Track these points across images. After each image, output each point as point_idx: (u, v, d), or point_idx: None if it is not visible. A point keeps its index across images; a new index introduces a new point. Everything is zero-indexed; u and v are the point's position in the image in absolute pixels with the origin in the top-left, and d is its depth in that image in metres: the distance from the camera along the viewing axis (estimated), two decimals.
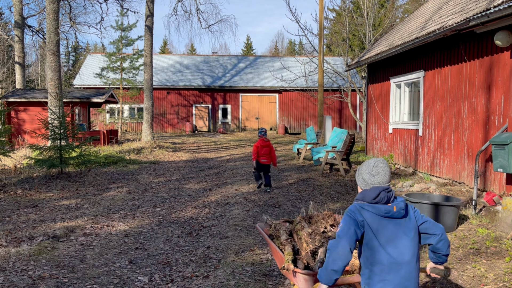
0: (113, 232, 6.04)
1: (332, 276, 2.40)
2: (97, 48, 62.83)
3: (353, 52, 27.03)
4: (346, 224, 2.44)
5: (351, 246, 2.40)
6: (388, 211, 2.43)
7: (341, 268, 2.39)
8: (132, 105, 30.47)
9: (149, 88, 19.97)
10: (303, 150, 13.64)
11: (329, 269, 2.39)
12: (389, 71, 11.95)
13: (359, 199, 2.54)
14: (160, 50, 67.18)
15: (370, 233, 2.41)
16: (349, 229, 2.41)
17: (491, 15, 6.32)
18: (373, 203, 2.46)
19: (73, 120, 18.28)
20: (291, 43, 74.03)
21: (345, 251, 2.38)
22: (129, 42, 28.65)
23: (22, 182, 9.61)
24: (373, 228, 2.41)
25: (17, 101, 18.81)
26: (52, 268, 4.58)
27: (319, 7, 18.15)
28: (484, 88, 7.56)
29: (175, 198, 8.48)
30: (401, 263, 2.39)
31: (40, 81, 46.50)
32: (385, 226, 2.42)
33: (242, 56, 37.58)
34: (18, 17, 23.88)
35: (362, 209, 2.46)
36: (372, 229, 2.41)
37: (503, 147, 6.12)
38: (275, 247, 3.24)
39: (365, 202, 2.49)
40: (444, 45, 8.96)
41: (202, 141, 23.38)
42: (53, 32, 13.42)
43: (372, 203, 2.46)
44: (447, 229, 5.65)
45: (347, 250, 2.38)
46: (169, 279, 4.33)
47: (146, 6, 20.17)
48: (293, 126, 32.60)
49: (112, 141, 19.09)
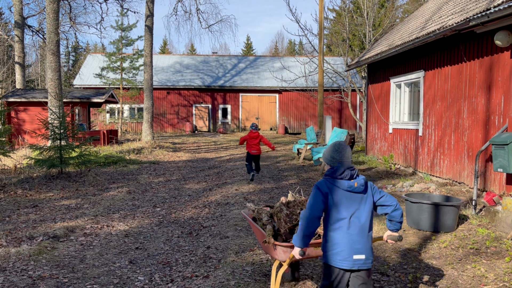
0: (113, 232, 6.04)
1: (304, 240, 2.92)
2: (97, 48, 62.85)
3: (353, 52, 27.03)
4: (313, 196, 2.91)
5: (319, 214, 2.89)
6: (350, 186, 2.89)
7: (311, 233, 2.93)
8: (132, 105, 30.47)
9: (149, 88, 19.97)
10: (303, 150, 13.64)
11: (302, 234, 2.92)
12: (389, 71, 11.95)
13: (327, 174, 2.97)
14: (160, 50, 67.18)
15: (333, 203, 2.89)
16: (316, 200, 2.89)
17: (491, 15, 6.32)
18: (339, 178, 2.91)
19: (73, 120, 18.28)
20: (291, 43, 74.06)
21: (314, 218, 2.88)
22: (129, 42, 28.65)
23: (22, 182, 9.61)
24: (335, 199, 2.89)
25: (17, 101, 18.81)
26: (52, 268, 4.58)
27: (319, 7, 18.15)
28: (484, 88, 7.56)
29: (175, 198, 8.48)
30: (355, 228, 2.87)
31: (40, 81, 46.51)
32: (346, 198, 2.89)
33: (242, 56, 37.58)
34: (18, 17, 23.88)
35: (328, 183, 2.93)
36: (335, 200, 2.89)
37: (503, 147, 6.12)
38: (258, 227, 3.72)
39: (332, 177, 2.94)
40: (444, 45, 8.96)
41: (202, 141, 23.39)
42: (53, 32, 13.43)
43: (338, 179, 2.92)
44: (447, 229, 5.65)
45: (315, 218, 2.88)
46: (169, 279, 4.33)
47: (146, 6, 20.18)
48: (293, 126, 32.60)
49: (112, 141, 19.09)
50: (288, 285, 4.02)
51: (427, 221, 5.68)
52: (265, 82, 32.40)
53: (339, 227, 2.87)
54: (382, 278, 4.28)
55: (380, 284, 4.11)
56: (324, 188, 2.90)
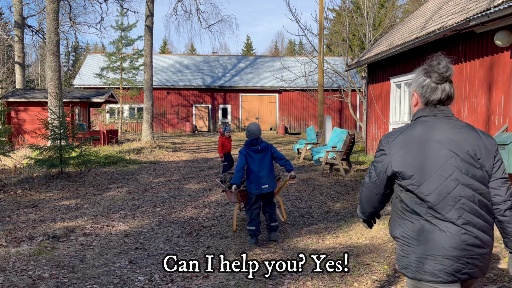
0: (113, 232, 6.04)
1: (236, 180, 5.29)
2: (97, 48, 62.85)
3: (353, 52, 27.03)
4: (240, 157, 5.32)
5: (243, 166, 5.30)
6: (256, 149, 5.33)
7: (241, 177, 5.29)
8: (132, 105, 30.47)
9: (149, 88, 19.97)
10: (303, 150, 13.63)
11: (236, 177, 5.31)
12: (389, 71, 11.95)
13: (246, 144, 5.37)
14: (160, 50, 67.17)
15: (249, 159, 5.30)
16: (241, 159, 5.29)
17: (491, 15, 6.32)
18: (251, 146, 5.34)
19: (73, 120, 18.28)
20: (291, 43, 74.06)
21: (239, 167, 5.29)
22: (129, 42, 28.64)
23: (22, 182, 9.61)
24: (249, 156, 5.31)
25: (17, 101, 18.81)
26: (52, 268, 4.58)
27: (319, 7, 18.14)
28: (484, 87, 7.55)
29: (175, 198, 8.48)
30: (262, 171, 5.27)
31: (40, 81, 46.50)
32: (254, 154, 5.32)
33: (242, 56, 37.57)
34: (18, 17, 23.88)
35: (246, 147, 5.36)
36: (249, 157, 5.31)
37: (503, 147, 6.12)
38: (222, 185, 6.28)
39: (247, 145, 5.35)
40: (444, 45, 8.96)
41: (202, 141, 23.39)
42: (53, 32, 13.42)
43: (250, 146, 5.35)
44: None
45: (241, 168, 5.30)
46: (169, 279, 4.33)
47: (146, 6, 20.17)
48: (293, 126, 32.60)
49: (112, 141, 19.09)
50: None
51: None
52: (265, 82, 32.40)
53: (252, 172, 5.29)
54: (382, 278, 4.28)
55: (380, 284, 4.10)
56: (243, 151, 5.34)
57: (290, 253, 5.01)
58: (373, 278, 4.22)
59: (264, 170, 5.23)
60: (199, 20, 29.26)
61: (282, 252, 5.05)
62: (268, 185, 5.24)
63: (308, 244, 5.38)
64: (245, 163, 5.24)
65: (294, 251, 5.10)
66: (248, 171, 5.28)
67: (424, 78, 2.17)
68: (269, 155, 5.30)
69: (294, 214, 7.01)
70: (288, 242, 5.48)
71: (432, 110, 2.12)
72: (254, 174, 5.21)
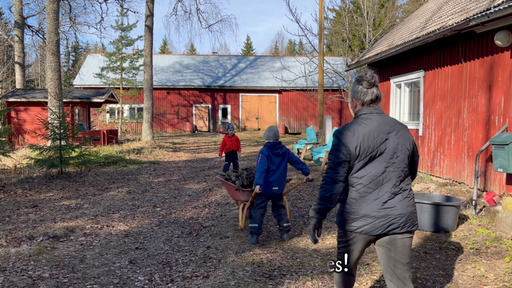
0: (113, 232, 6.04)
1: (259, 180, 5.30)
2: (97, 48, 62.86)
3: (353, 52, 27.02)
4: (262, 158, 5.38)
5: (265, 167, 5.34)
6: (278, 153, 5.46)
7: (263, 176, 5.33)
8: (132, 105, 30.47)
9: (149, 88, 19.97)
10: (303, 150, 13.63)
11: (259, 178, 5.31)
12: (389, 71, 11.94)
13: (266, 145, 5.48)
14: (160, 50, 67.17)
15: (270, 160, 5.40)
16: (263, 160, 5.37)
17: (491, 15, 6.32)
18: (273, 149, 5.46)
19: (73, 120, 18.28)
20: (291, 43, 74.06)
21: (263, 169, 5.32)
22: (129, 42, 28.64)
23: (22, 182, 9.61)
24: (270, 158, 5.41)
25: (17, 101, 18.81)
26: (52, 268, 4.57)
27: (319, 7, 18.14)
28: (484, 88, 7.55)
29: (175, 198, 8.48)
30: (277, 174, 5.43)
31: (40, 81, 46.51)
32: (275, 158, 5.44)
33: (242, 56, 37.58)
34: (18, 17, 23.88)
35: (268, 149, 5.44)
36: (270, 158, 5.41)
37: (503, 147, 6.11)
38: (229, 183, 6.01)
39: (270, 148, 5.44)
40: (444, 45, 8.96)
41: (202, 141, 23.39)
42: (53, 32, 13.42)
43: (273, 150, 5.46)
44: (447, 229, 5.65)
45: (264, 168, 5.33)
46: (169, 279, 4.33)
47: (146, 6, 20.17)
48: (293, 126, 32.60)
49: (112, 141, 19.09)
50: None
51: (427, 221, 5.67)
52: (265, 82, 32.40)
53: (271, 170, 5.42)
54: (382, 278, 4.28)
55: (380, 284, 4.10)
56: (266, 153, 5.41)
57: (290, 253, 5.01)
58: (373, 278, 4.22)
59: (279, 173, 5.44)
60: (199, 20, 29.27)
61: (282, 252, 5.05)
62: (278, 187, 5.46)
63: (308, 244, 5.39)
64: (267, 165, 5.33)
65: (294, 251, 5.10)
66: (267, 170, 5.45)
67: (358, 85, 2.79)
68: (286, 159, 5.51)
69: (294, 214, 7.01)
70: (288, 242, 5.48)
71: (368, 109, 2.75)
72: (269, 175, 5.40)
